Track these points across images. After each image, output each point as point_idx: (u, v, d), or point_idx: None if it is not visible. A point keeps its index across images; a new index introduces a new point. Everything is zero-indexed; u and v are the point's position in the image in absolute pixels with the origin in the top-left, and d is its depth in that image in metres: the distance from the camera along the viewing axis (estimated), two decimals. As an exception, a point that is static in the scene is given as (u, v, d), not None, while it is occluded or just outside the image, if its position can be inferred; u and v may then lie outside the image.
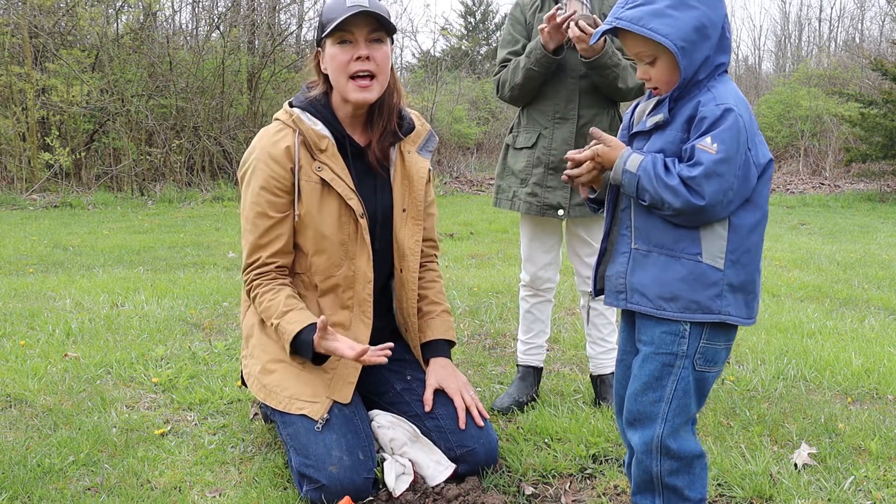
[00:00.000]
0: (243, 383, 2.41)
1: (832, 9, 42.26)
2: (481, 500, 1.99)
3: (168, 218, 8.61)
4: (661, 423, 1.66)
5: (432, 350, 2.35)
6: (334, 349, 2.07)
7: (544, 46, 2.47)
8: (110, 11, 11.60)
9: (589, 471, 2.21)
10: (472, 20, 26.11)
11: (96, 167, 11.26)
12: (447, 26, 22.06)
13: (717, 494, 2.08)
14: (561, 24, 2.41)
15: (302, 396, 2.13)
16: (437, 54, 20.95)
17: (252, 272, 2.22)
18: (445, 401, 2.24)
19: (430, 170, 2.37)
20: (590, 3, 2.45)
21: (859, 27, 23.11)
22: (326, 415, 2.09)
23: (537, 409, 2.65)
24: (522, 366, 2.83)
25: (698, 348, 1.64)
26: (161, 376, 2.93)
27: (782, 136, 15.06)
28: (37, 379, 2.87)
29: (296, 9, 13.64)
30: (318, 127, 2.20)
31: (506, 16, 2.86)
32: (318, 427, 2.07)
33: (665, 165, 1.59)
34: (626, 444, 1.86)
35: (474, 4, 26.06)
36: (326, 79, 2.24)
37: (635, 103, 1.78)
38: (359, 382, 2.22)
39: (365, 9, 2.07)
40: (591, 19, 2.37)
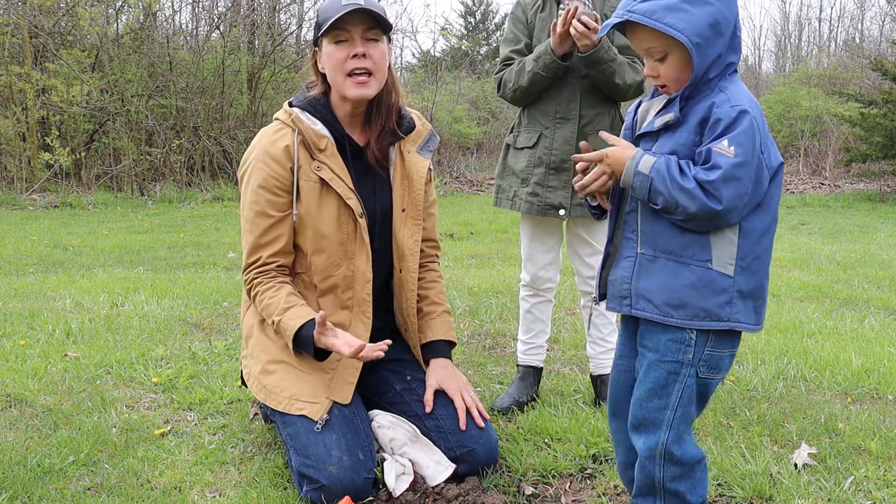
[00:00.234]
0: (243, 383, 2.41)
1: (832, 9, 42.28)
2: (481, 500, 1.99)
3: (168, 218, 8.61)
4: (667, 430, 1.64)
5: (433, 351, 2.35)
6: (332, 345, 2.07)
7: (553, 52, 2.47)
8: (110, 11, 11.60)
9: (589, 471, 2.21)
10: (472, 20, 26.10)
11: (96, 167, 11.26)
12: (447, 26, 22.10)
13: (717, 494, 2.08)
14: (568, 28, 2.41)
15: (302, 397, 2.13)
16: (437, 54, 20.97)
17: (252, 271, 2.22)
18: (446, 401, 2.24)
19: (431, 170, 2.37)
20: (591, 2, 2.45)
21: (859, 27, 23.12)
22: (326, 415, 2.09)
23: (537, 409, 2.65)
24: (522, 366, 2.83)
25: (703, 356, 1.61)
26: (161, 376, 2.93)
27: (782, 136, 15.06)
28: (37, 379, 2.87)
29: (296, 9, 13.65)
30: (318, 126, 2.20)
31: (506, 15, 2.86)
32: (317, 427, 2.07)
33: (680, 167, 1.54)
34: (616, 445, 1.84)
35: (474, 4, 26.05)
36: (324, 78, 2.23)
37: (637, 102, 1.73)
38: (359, 382, 2.22)
39: (360, 6, 2.07)
40: (593, 16, 2.38)
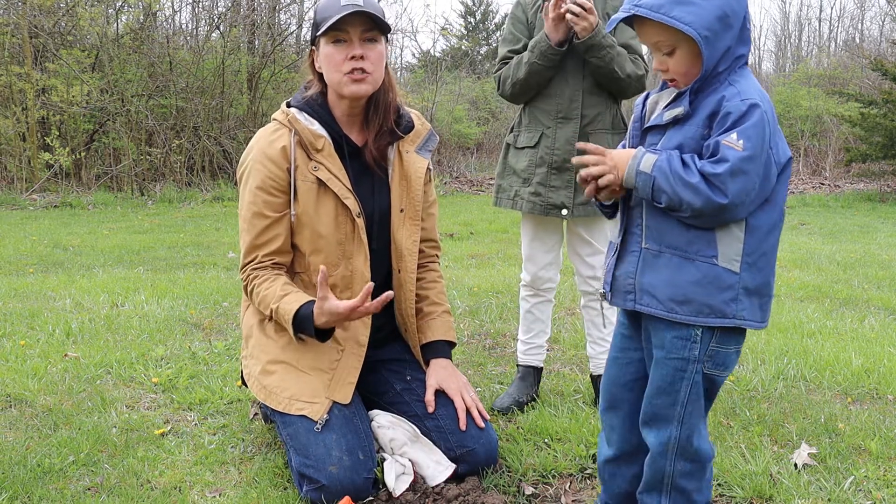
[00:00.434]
0: (243, 383, 2.41)
1: (832, 9, 42.28)
2: (481, 500, 1.99)
3: (168, 218, 8.61)
4: (678, 426, 1.63)
5: (433, 351, 2.35)
6: (334, 308, 2.03)
7: (548, 38, 2.47)
8: (110, 11, 11.60)
9: (589, 471, 2.21)
10: (472, 20, 26.11)
11: (96, 167, 11.26)
12: (447, 26, 22.10)
13: (717, 494, 2.08)
14: (559, 11, 2.41)
15: (301, 397, 2.13)
16: (437, 54, 20.98)
17: (248, 269, 2.23)
18: (446, 401, 2.24)
19: (430, 170, 2.37)
20: None
21: (859, 27, 23.14)
22: (326, 415, 2.09)
23: (537, 409, 2.65)
24: (522, 366, 2.83)
25: (708, 352, 1.60)
26: (161, 376, 2.93)
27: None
28: (37, 379, 2.86)
29: (296, 9, 13.66)
30: (315, 126, 2.19)
31: (506, 15, 2.86)
32: (317, 427, 2.07)
33: (683, 162, 1.51)
34: (606, 439, 1.82)
35: (474, 4, 26.05)
36: (321, 77, 2.24)
37: (645, 94, 1.70)
38: (359, 382, 2.22)
39: (359, 8, 2.06)
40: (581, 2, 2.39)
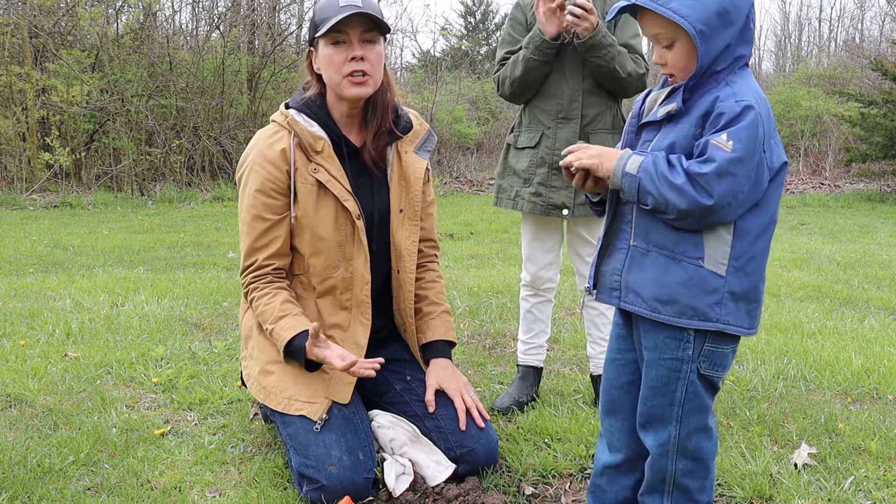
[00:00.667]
0: (243, 383, 2.41)
1: (832, 9, 42.29)
2: (481, 500, 1.99)
3: (168, 218, 8.61)
4: (676, 425, 1.63)
5: (433, 351, 2.35)
6: (324, 357, 2.06)
7: (542, 32, 2.47)
8: (110, 11, 11.60)
9: (589, 471, 2.21)
10: (472, 20, 26.10)
11: (96, 167, 11.26)
12: (447, 26, 22.09)
13: (717, 494, 2.08)
14: (556, 7, 2.41)
15: (301, 397, 2.13)
16: (437, 54, 20.97)
17: (249, 275, 2.22)
18: (446, 401, 2.24)
19: (429, 170, 2.37)
20: None
21: (859, 27, 23.15)
22: (325, 415, 2.09)
23: (537, 409, 2.65)
24: (522, 366, 2.83)
25: (702, 352, 1.59)
26: (161, 376, 2.93)
27: (782, 136, 15.04)
28: (37, 379, 2.86)
29: (296, 9, 13.65)
30: (314, 128, 2.19)
31: (506, 16, 2.86)
32: (317, 427, 2.07)
33: (668, 162, 1.50)
34: (606, 445, 1.81)
35: (474, 4, 26.05)
36: (319, 79, 2.23)
37: (646, 91, 1.69)
38: (358, 382, 2.22)
39: (359, 10, 2.06)
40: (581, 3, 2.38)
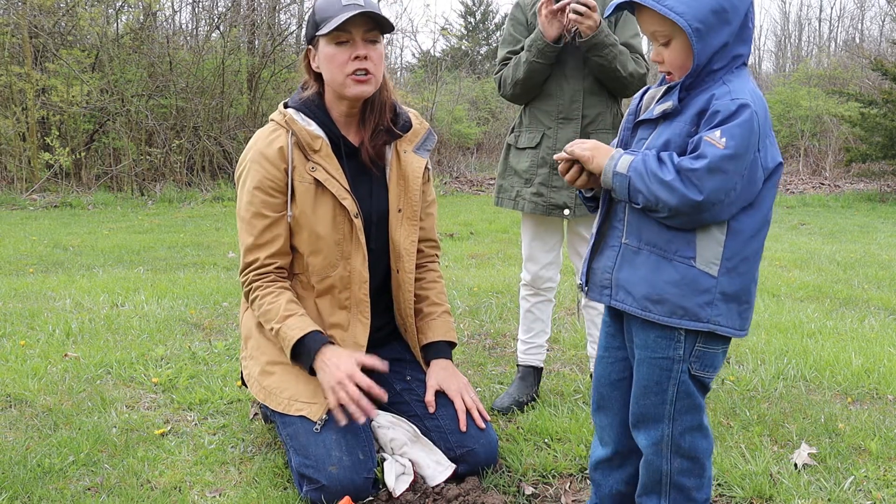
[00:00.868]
0: (243, 383, 2.41)
1: (832, 9, 42.31)
2: (481, 500, 1.99)
3: (168, 218, 8.61)
4: (669, 423, 1.62)
5: (433, 352, 2.34)
6: (320, 380, 2.10)
7: (544, 35, 2.47)
8: (110, 11, 11.60)
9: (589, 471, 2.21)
10: (472, 20, 26.11)
11: (96, 167, 11.26)
12: (447, 26, 22.09)
13: (717, 494, 2.08)
14: (558, 11, 2.42)
15: (301, 397, 2.13)
16: (437, 54, 20.97)
17: (251, 273, 2.21)
18: (446, 401, 2.23)
19: (429, 169, 2.37)
20: None
21: (859, 27, 23.17)
22: (325, 415, 2.09)
23: (537, 409, 2.65)
24: (522, 366, 2.83)
25: (693, 352, 1.58)
26: (161, 376, 2.93)
27: (782, 136, 15.06)
28: (37, 379, 2.86)
29: (296, 9, 13.65)
30: (312, 127, 2.19)
31: (506, 15, 2.86)
32: (317, 428, 2.07)
33: (659, 159, 1.49)
34: (598, 440, 1.82)
35: (474, 4, 26.06)
36: (318, 77, 2.23)
37: (644, 89, 1.69)
38: (359, 382, 2.22)
39: (364, 9, 2.06)
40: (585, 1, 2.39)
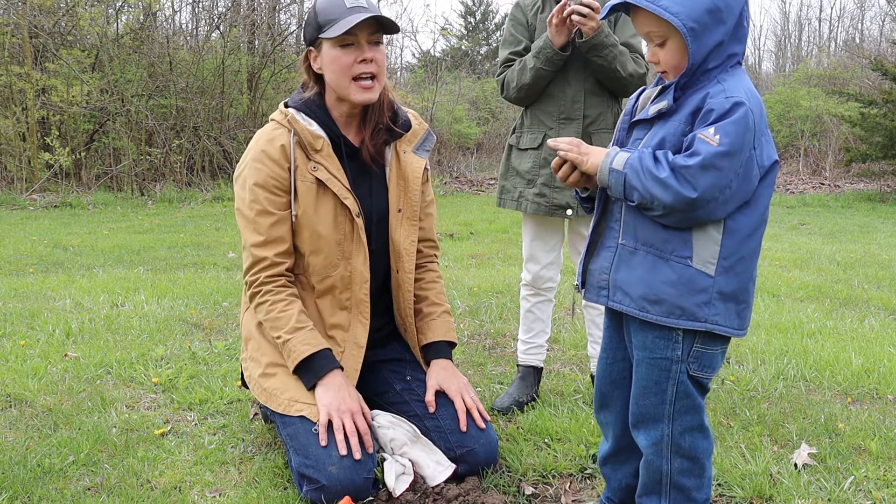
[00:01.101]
0: (243, 384, 2.41)
1: (832, 9, 42.33)
2: (481, 500, 1.99)
3: (168, 218, 8.61)
4: (669, 423, 1.62)
5: (433, 352, 2.34)
6: (319, 407, 2.10)
7: (553, 43, 2.48)
8: (110, 11, 11.60)
9: (589, 471, 2.21)
10: (472, 20, 26.11)
11: (96, 167, 11.26)
12: (447, 26, 22.08)
13: (717, 494, 2.08)
14: (566, 19, 2.43)
15: (301, 398, 2.12)
16: (437, 54, 20.96)
17: (262, 273, 2.19)
18: (446, 401, 2.23)
19: (428, 169, 2.37)
20: None
21: (859, 27, 23.18)
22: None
23: (537, 409, 2.65)
24: (522, 366, 2.83)
25: (691, 353, 1.58)
26: (161, 376, 2.93)
27: (782, 136, 15.06)
28: (37, 379, 2.86)
29: (296, 9, 13.64)
30: (314, 127, 2.20)
31: (506, 16, 2.87)
32: (316, 429, 2.06)
33: (654, 157, 1.49)
34: (603, 440, 1.82)
35: (474, 4, 26.06)
36: (318, 78, 2.23)
37: (640, 89, 1.70)
38: (359, 382, 2.22)
39: (370, 14, 2.07)
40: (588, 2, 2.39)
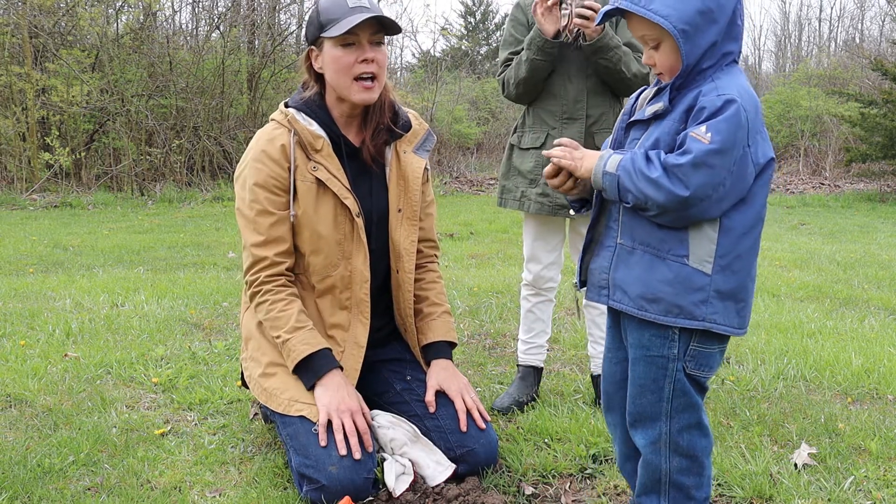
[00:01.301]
0: (243, 383, 2.41)
1: (832, 9, 42.34)
2: (481, 500, 1.99)
3: (168, 218, 8.61)
4: (666, 421, 1.61)
5: (433, 352, 2.34)
6: (319, 406, 2.09)
7: (542, 32, 2.48)
8: (110, 11, 11.60)
9: (589, 471, 2.21)
10: (472, 20, 26.10)
11: (96, 167, 11.26)
12: (447, 26, 22.07)
13: (717, 494, 2.08)
14: (553, 6, 2.43)
15: (301, 398, 2.12)
16: (437, 54, 20.95)
17: (261, 273, 2.19)
18: (446, 401, 2.23)
19: (428, 170, 2.37)
20: None
21: (859, 27, 23.18)
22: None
23: (537, 409, 2.65)
24: (523, 366, 2.83)
25: (688, 351, 1.57)
26: (161, 376, 2.93)
27: (782, 136, 15.06)
28: (37, 379, 2.86)
29: (296, 9, 13.65)
30: (314, 127, 2.20)
31: (506, 15, 2.87)
32: (316, 429, 2.06)
33: (647, 157, 1.50)
34: (613, 440, 1.82)
35: (474, 4, 26.05)
36: (318, 78, 2.23)
37: (640, 90, 1.71)
38: (359, 382, 2.22)
39: (373, 13, 2.07)
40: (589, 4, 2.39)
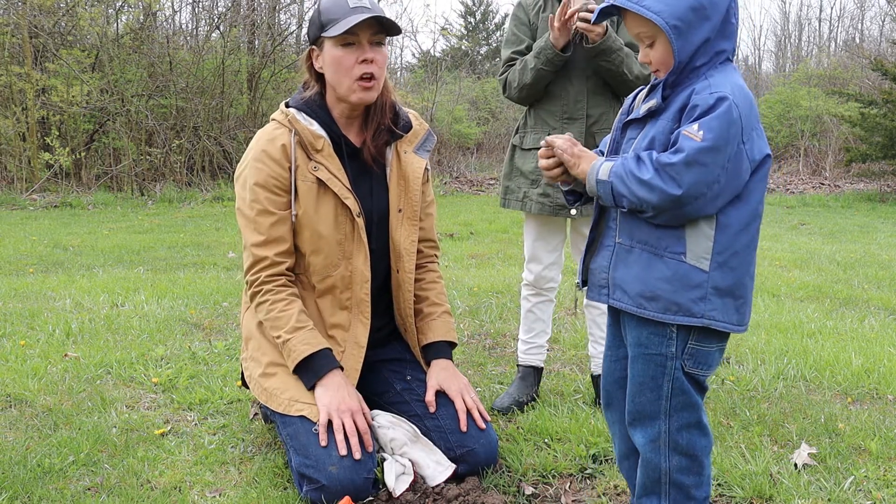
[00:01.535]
0: (244, 383, 2.41)
1: (832, 9, 42.35)
2: (481, 500, 1.99)
3: (168, 218, 8.61)
4: (666, 419, 1.61)
5: (434, 352, 2.35)
6: (320, 406, 2.09)
7: (554, 45, 2.48)
8: (110, 11, 11.60)
9: (589, 471, 2.21)
10: (472, 20, 26.08)
11: (96, 167, 11.26)
12: (447, 26, 22.07)
13: (717, 494, 2.08)
14: (567, 21, 2.43)
15: (301, 398, 2.12)
16: (437, 54, 20.94)
17: (262, 273, 2.19)
18: (446, 401, 2.24)
19: (428, 170, 2.37)
20: None
21: (859, 27, 23.18)
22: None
23: (537, 409, 2.65)
24: (523, 366, 2.83)
25: (686, 349, 1.57)
26: (161, 376, 2.93)
27: (782, 136, 15.06)
28: (37, 379, 2.86)
29: (296, 9, 13.65)
30: (314, 127, 2.20)
31: (506, 15, 2.87)
32: (316, 429, 2.06)
33: (637, 159, 1.51)
34: (612, 437, 1.82)
35: (474, 4, 26.03)
36: (319, 78, 2.23)
37: (638, 89, 1.71)
38: (359, 382, 2.22)
39: (374, 14, 2.07)
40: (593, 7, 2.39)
